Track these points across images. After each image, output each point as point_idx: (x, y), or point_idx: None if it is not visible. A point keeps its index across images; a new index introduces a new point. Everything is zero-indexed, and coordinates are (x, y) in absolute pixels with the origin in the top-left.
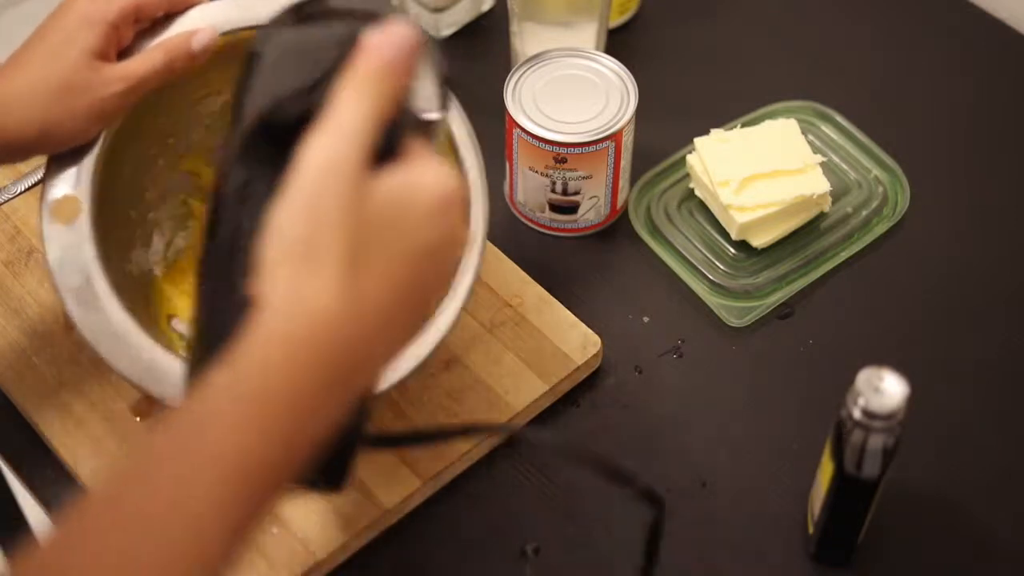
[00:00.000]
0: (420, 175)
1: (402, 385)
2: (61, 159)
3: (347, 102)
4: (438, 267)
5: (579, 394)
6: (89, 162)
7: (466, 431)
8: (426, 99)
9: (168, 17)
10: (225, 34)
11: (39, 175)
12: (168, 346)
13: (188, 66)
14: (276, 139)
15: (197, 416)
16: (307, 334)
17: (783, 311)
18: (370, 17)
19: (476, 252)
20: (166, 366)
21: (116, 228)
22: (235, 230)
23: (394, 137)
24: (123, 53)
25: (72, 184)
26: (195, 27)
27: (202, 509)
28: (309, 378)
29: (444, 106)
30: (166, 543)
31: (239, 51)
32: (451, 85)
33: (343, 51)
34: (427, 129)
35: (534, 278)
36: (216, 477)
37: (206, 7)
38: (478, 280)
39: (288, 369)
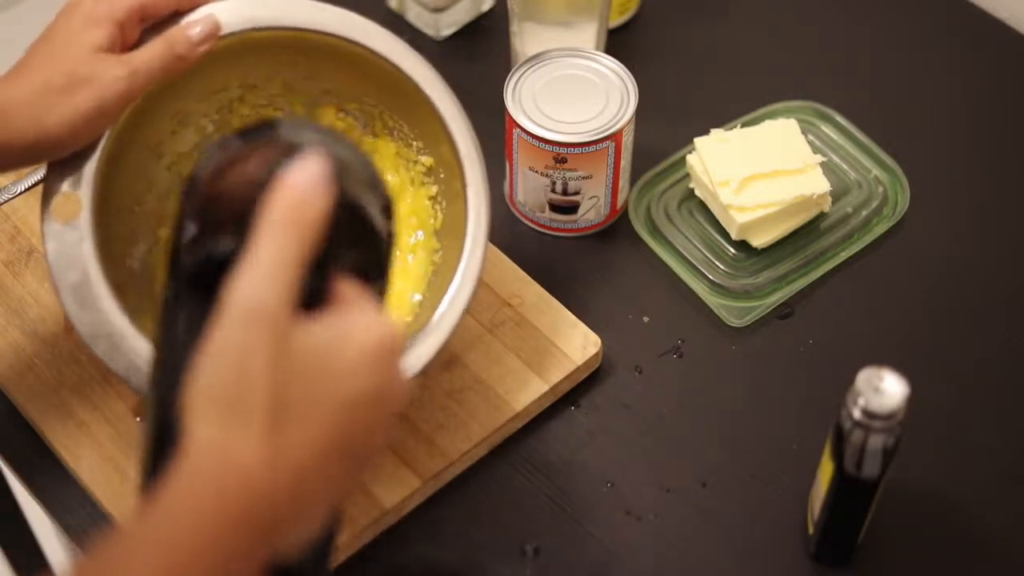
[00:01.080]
0: (352, 322)
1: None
2: (64, 158)
3: (265, 243)
4: (370, 419)
5: (579, 394)
6: (91, 161)
7: None
8: (367, 232)
9: (175, 16)
10: (234, 34)
11: (39, 175)
12: None
13: (191, 56)
14: (212, 280)
15: (111, 564)
16: (222, 488)
17: (783, 311)
18: (291, 149)
19: (479, 255)
20: None
21: (119, 224)
22: (178, 379)
23: (323, 279)
24: (128, 50)
25: (73, 183)
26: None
27: None
28: (221, 532)
29: (386, 243)
30: None
31: (246, 48)
32: (389, 210)
33: (262, 190)
34: (370, 271)
35: (534, 278)
36: None
37: (214, 6)
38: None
39: (199, 523)
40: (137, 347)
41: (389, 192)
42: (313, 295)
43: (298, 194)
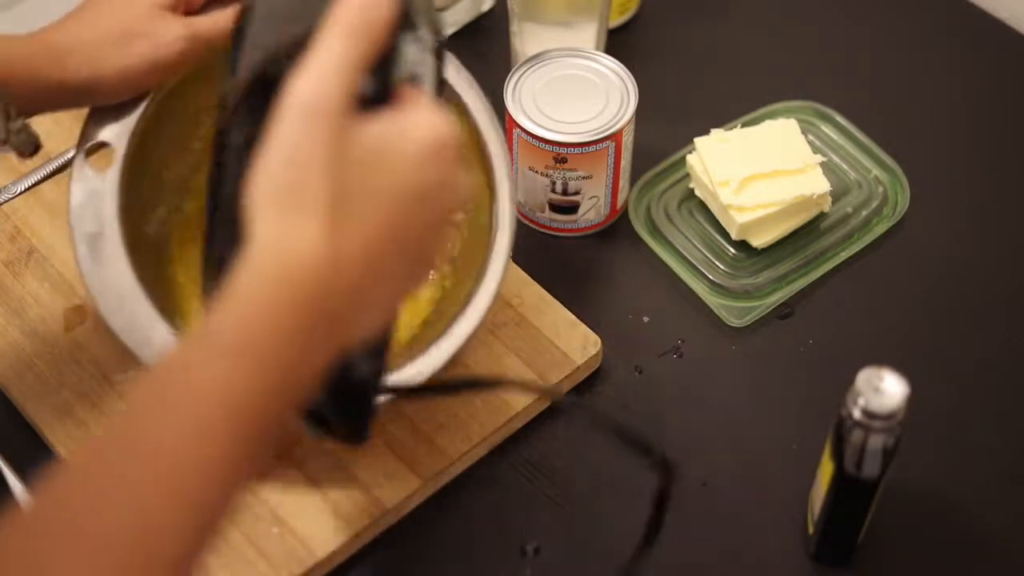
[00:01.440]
0: (410, 119)
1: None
2: (106, 109)
3: (326, 44)
4: (430, 212)
5: (579, 394)
6: (132, 117)
7: (488, 384)
8: (422, 51)
9: None
10: None
11: (39, 175)
12: (170, 313)
13: None
14: (269, 93)
15: (184, 359)
16: (291, 276)
17: (783, 311)
18: None
19: (500, 267)
20: (161, 341)
21: (144, 187)
22: (237, 183)
23: (384, 84)
24: (189, 13)
25: (111, 134)
26: None
27: (190, 445)
28: (294, 318)
29: (440, 58)
30: (165, 475)
31: None
32: (444, 44)
33: (328, 2)
34: (424, 80)
35: (534, 278)
36: (204, 416)
37: None
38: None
39: (272, 309)
40: (142, 310)
41: (440, 23)
42: (372, 99)
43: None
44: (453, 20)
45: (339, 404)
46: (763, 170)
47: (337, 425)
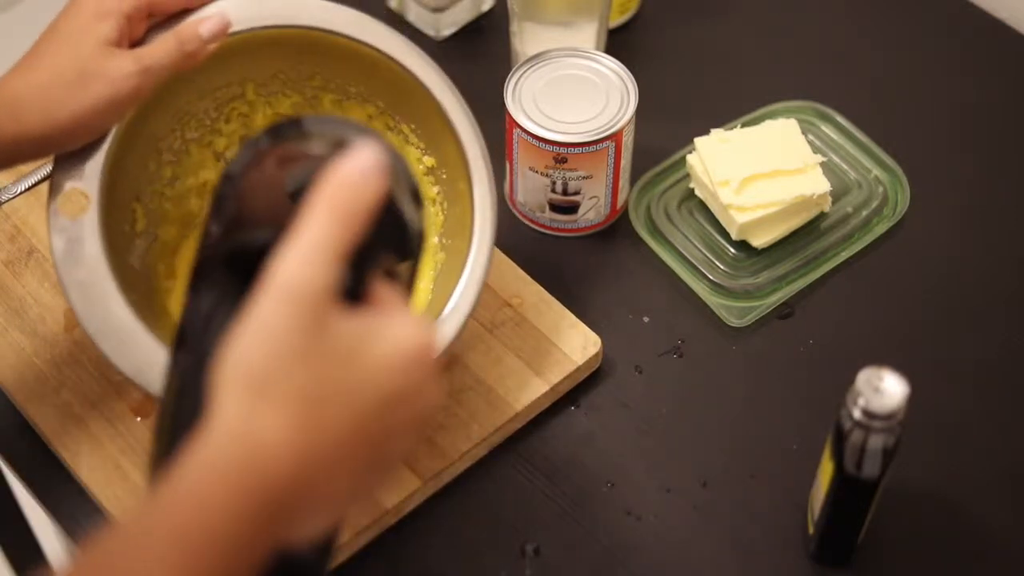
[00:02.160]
0: (389, 321)
1: None
2: (70, 154)
3: (312, 224)
4: (400, 418)
5: (579, 394)
6: (98, 157)
7: None
8: (401, 235)
9: (183, 13)
10: (239, 32)
11: (39, 175)
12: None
13: (200, 53)
14: (244, 267)
15: (129, 538)
16: (254, 465)
17: (783, 311)
18: (341, 143)
19: (485, 258)
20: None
21: (122, 221)
22: (201, 357)
23: (362, 278)
24: (135, 47)
25: (80, 178)
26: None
27: None
28: (239, 512)
29: (419, 246)
30: None
31: (250, 46)
32: (418, 224)
33: (310, 180)
34: (400, 274)
35: (534, 278)
36: None
37: (222, 3)
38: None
39: (229, 495)
40: (144, 344)
41: (420, 187)
42: (349, 292)
43: (352, 180)
44: (453, 20)
45: None
46: (763, 170)
47: None
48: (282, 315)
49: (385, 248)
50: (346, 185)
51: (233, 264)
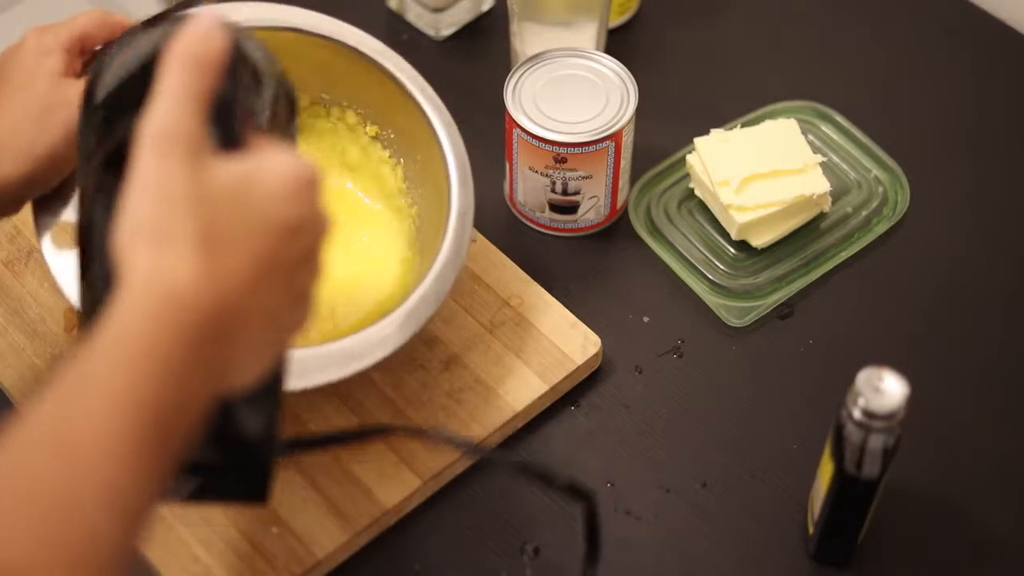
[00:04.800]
0: (267, 158)
1: (393, 374)
2: (46, 196)
3: (166, 78)
4: (297, 248)
5: (579, 394)
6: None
7: (379, 432)
8: (264, 101)
9: (108, 46)
10: None
11: None
12: None
13: None
14: (119, 161)
15: (68, 389)
16: (163, 304)
17: (783, 311)
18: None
19: (465, 237)
20: None
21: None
22: (101, 231)
23: (230, 134)
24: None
25: (65, 212)
26: None
27: (101, 440)
28: (167, 350)
29: (291, 106)
30: (84, 465)
31: None
32: (292, 92)
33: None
34: (274, 132)
35: (534, 278)
36: (105, 414)
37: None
38: (476, 279)
39: (143, 345)
40: None
41: (286, 77)
42: (223, 145)
43: (196, 34)
44: (453, 20)
45: (234, 463)
46: (763, 170)
47: (237, 487)
48: (159, 165)
49: (255, 107)
50: (192, 39)
51: (115, 162)
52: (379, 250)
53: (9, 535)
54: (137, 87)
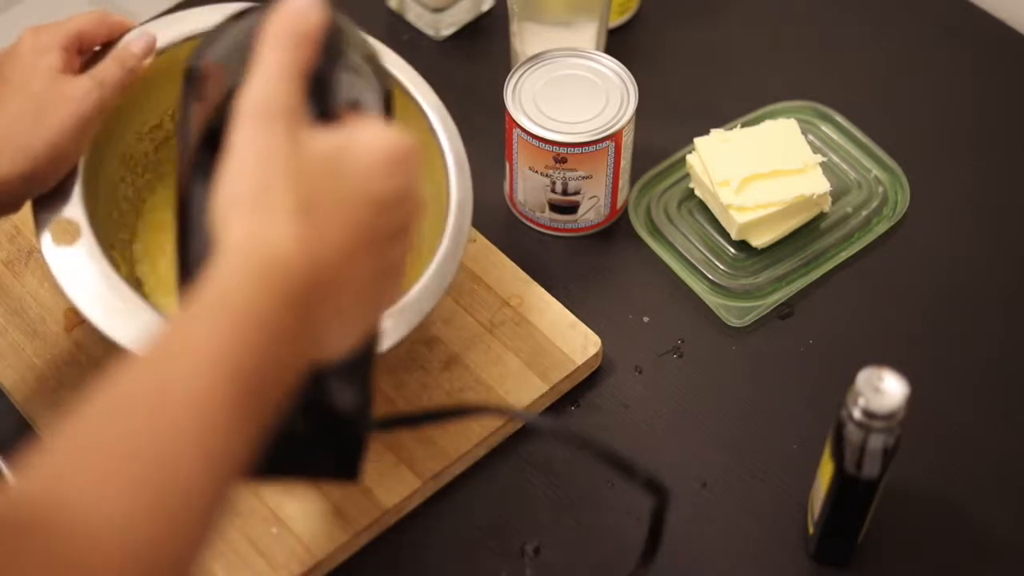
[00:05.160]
0: (362, 131)
1: (393, 374)
2: (44, 196)
3: (264, 55)
4: (392, 220)
5: (579, 394)
6: (76, 182)
7: (475, 411)
8: (359, 78)
9: (106, 47)
10: (161, 52)
11: None
12: None
13: (139, 69)
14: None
15: (166, 351)
16: (262, 268)
17: (783, 311)
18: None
19: (465, 228)
20: None
21: (109, 234)
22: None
23: (326, 111)
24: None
25: (64, 208)
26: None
27: (194, 400)
28: (266, 315)
29: (384, 81)
30: (177, 420)
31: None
32: (382, 67)
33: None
34: (369, 106)
35: (534, 278)
36: (205, 373)
37: (144, 27)
38: (476, 279)
39: (243, 308)
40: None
41: (373, 50)
42: (318, 117)
43: (292, 10)
44: (453, 20)
45: (325, 436)
46: (763, 170)
47: (327, 462)
48: (257, 136)
49: (352, 84)
50: (289, 14)
51: (212, 144)
52: None
53: (106, 492)
54: (235, 66)
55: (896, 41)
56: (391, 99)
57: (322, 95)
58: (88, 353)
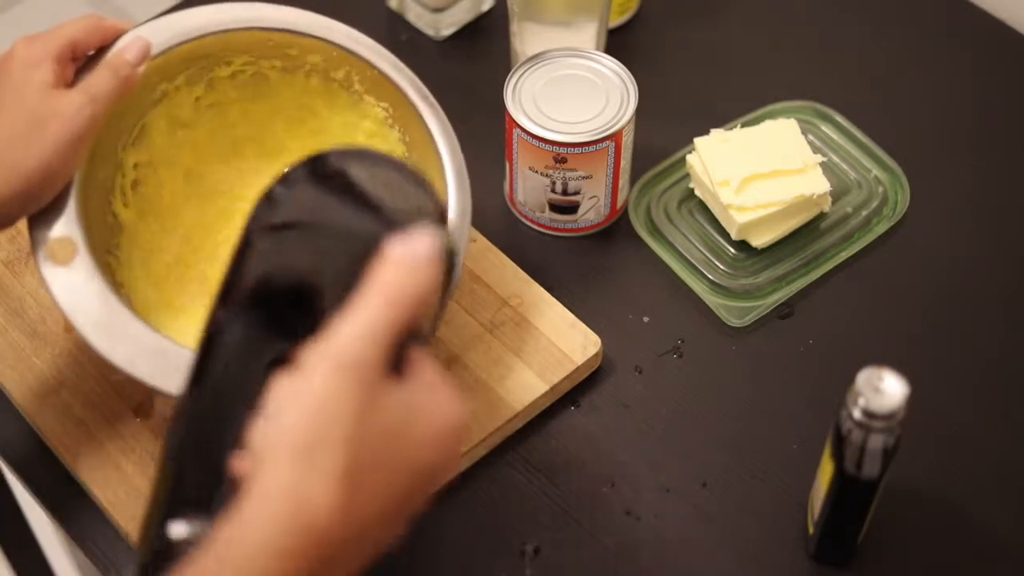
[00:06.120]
0: (433, 398)
1: None
2: (41, 212)
3: (369, 306)
4: (428, 488)
5: (579, 394)
6: (70, 198)
7: None
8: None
9: (100, 51)
10: (156, 56)
11: None
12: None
13: (133, 77)
14: (269, 307)
15: None
16: (297, 530)
17: (783, 311)
18: (392, 221)
19: (463, 239)
20: None
21: (103, 253)
22: (224, 385)
23: (402, 349)
24: (69, 87)
25: (59, 225)
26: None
27: None
28: (289, 565)
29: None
30: None
31: (172, 62)
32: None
33: (356, 248)
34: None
35: (534, 278)
36: None
37: (135, 31)
38: (476, 279)
39: (283, 558)
40: (179, 355)
41: (454, 245)
42: (391, 363)
43: (408, 266)
44: (453, 20)
45: None
46: (763, 170)
47: None
48: (335, 389)
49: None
50: (403, 270)
51: (259, 302)
52: None
53: None
54: (325, 247)
55: (896, 41)
56: (449, 292)
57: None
58: (88, 353)
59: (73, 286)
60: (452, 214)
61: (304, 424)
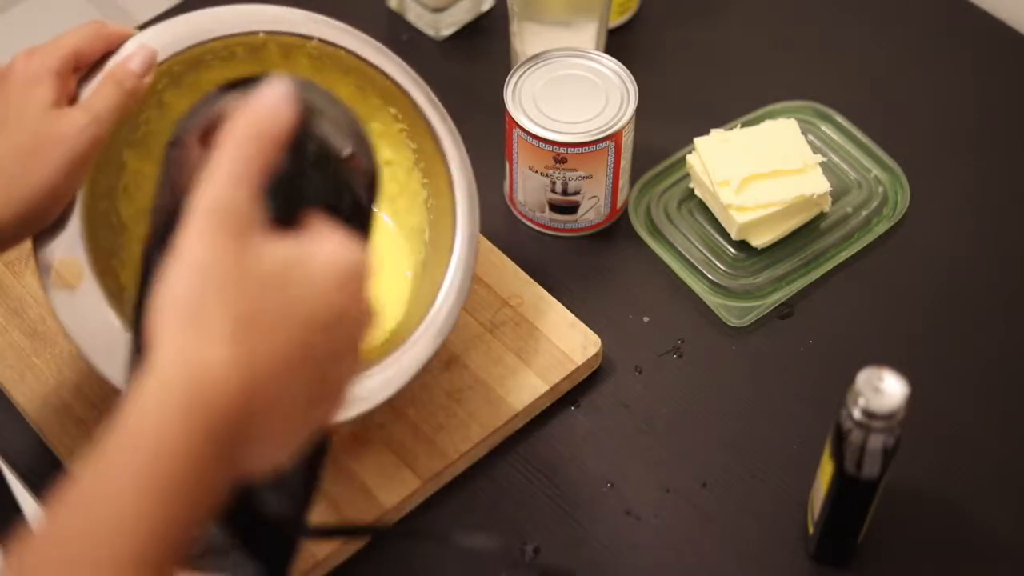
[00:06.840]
0: (317, 245)
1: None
2: (43, 232)
3: (223, 153)
4: (334, 342)
5: (579, 394)
6: (74, 220)
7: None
8: (337, 179)
9: (105, 58)
10: (164, 61)
11: None
12: None
13: (139, 89)
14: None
15: (86, 488)
16: (193, 396)
17: (783, 311)
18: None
19: (469, 249)
20: None
21: (110, 278)
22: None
23: (292, 210)
24: (72, 101)
25: (64, 248)
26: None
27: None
28: (192, 437)
29: (371, 188)
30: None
31: (183, 69)
32: (374, 175)
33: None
34: (342, 210)
35: (534, 278)
36: (109, 544)
37: (139, 37)
38: (476, 279)
39: (180, 430)
40: None
41: (372, 145)
42: (280, 222)
43: (260, 109)
44: (453, 20)
45: (254, 543)
46: (763, 170)
47: (254, 567)
48: (204, 242)
49: (321, 186)
50: (254, 112)
51: (165, 240)
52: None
53: None
54: (199, 156)
55: (896, 41)
56: (375, 186)
57: (285, 199)
58: None
59: (82, 313)
60: (458, 241)
61: (181, 284)
